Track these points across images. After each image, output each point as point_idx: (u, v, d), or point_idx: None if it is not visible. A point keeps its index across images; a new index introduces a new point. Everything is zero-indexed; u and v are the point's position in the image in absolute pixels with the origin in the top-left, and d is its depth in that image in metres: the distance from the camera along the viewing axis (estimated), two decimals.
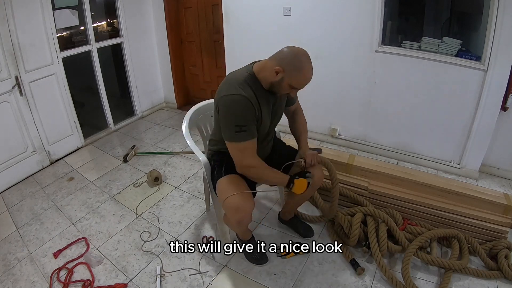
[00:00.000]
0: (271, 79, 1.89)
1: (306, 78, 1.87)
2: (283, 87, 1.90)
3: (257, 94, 1.92)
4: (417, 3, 3.66)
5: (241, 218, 2.06)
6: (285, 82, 1.86)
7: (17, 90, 3.39)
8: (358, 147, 4.00)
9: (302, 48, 1.88)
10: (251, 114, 1.88)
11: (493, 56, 2.90)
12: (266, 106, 2.00)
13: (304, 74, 1.85)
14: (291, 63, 1.82)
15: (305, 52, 1.86)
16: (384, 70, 3.48)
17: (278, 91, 1.95)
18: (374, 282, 2.25)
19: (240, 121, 1.86)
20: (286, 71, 1.83)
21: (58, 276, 2.37)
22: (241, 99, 1.84)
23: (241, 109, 1.85)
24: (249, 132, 1.89)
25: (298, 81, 1.86)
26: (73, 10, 3.85)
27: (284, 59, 1.84)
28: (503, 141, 3.27)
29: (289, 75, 1.84)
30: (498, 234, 2.45)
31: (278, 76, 1.85)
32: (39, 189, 3.43)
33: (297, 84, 1.88)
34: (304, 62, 1.83)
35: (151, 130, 4.71)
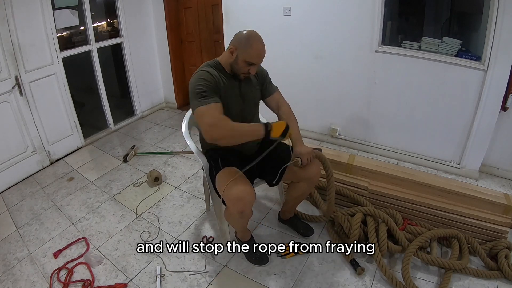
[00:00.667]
0: (229, 60, 2.11)
1: (257, 50, 2.05)
2: (240, 65, 2.07)
3: (220, 74, 2.12)
4: (417, 3, 3.66)
5: (243, 209, 2.03)
6: (240, 59, 2.05)
7: (17, 90, 3.40)
8: (358, 147, 4.00)
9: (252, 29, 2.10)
10: (211, 84, 2.01)
11: (493, 56, 2.90)
12: (231, 87, 2.15)
13: (255, 47, 2.03)
14: (242, 41, 2.05)
15: (253, 31, 2.10)
16: (384, 70, 3.48)
17: (238, 70, 2.11)
18: (374, 282, 2.25)
19: (200, 87, 1.97)
20: (239, 49, 2.05)
21: (58, 276, 2.37)
22: (201, 73, 2.05)
23: (200, 78, 2.01)
24: (210, 97, 1.96)
25: (251, 55, 2.04)
26: (73, 10, 3.86)
27: (236, 39, 2.10)
28: (503, 141, 3.27)
29: (242, 52, 2.04)
30: (498, 234, 2.45)
31: (234, 55, 2.07)
32: (39, 189, 3.43)
33: (250, 58, 2.04)
34: (252, 38, 2.05)
35: (151, 130, 4.71)
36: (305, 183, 2.32)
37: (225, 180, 2.03)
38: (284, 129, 1.96)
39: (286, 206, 2.64)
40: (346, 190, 2.80)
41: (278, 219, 2.81)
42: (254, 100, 2.32)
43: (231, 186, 1.98)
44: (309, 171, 2.24)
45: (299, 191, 2.41)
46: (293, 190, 2.43)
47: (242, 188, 1.98)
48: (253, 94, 2.29)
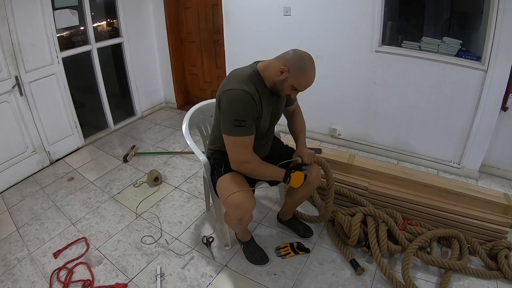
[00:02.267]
0: (275, 78, 1.92)
1: (309, 81, 1.91)
2: (285, 87, 1.92)
3: (260, 92, 1.94)
4: (417, 3, 3.66)
5: (242, 216, 2.05)
6: (288, 83, 1.90)
7: (17, 90, 3.39)
8: (358, 147, 4.00)
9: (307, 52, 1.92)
10: (252, 111, 1.89)
11: (493, 56, 2.90)
12: (267, 105, 2.01)
13: (307, 77, 1.89)
14: (296, 65, 1.86)
15: (310, 56, 1.90)
16: (384, 70, 3.48)
17: (280, 91, 1.97)
18: (374, 282, 2.25)
19: (240, 115, 1.87)
20: (291, 72, 1.86)
21: (58, 276, 2.37)
22: (244, 94, 1.86)
23: (243, 104, 1.86)
24: (247, 128, 1.90)
25: (301, 82, 1.90)
26: (73, 10, 3.85)
27: (290, 60, 1.87)
28: (503, 141, 3.27)
29: (293, 76, 1.87)
30: (498, 234, 2.45)
31: (283, 75, 1.88)
32: (39, 189, 3.43)
33: (299, 86, 1.91)
34: (308, 66, 1.87)
35: (151, 130, 4.71)
36: (304, 187, 2.30)
37: (227, 187, 2.03)
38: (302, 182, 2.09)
39: (285, 208, 2.64)
40: (346, 190, 2.80)
41: (277, 219, 2.81)
42: (280, 115, 2.28)
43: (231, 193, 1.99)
44: (309, 175, 2.22)
45: (298, 195, 2.40)
46: (292, 193, 2.42)
47: (242, 195, 1.99)
48: (281, 110, 2.26)
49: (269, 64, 1.96)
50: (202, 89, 5.27)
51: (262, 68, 1.98)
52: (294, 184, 2.07)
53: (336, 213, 2.61)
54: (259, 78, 1.97)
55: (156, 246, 2.62)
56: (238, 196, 1.98)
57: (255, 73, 1.97)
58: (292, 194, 2.43)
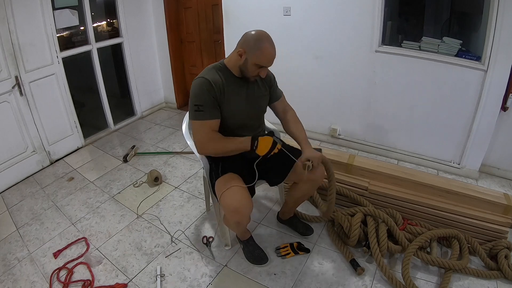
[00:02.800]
0: (238, 63, 2.02)
1: (268, 54, 1.96)
2: (249, 67, 1.99)
3: (226, 80, 2.04)
4: (417, 3, 3.66)
5: (240, 219, 2.08)
6: (250, 62, 1.97)
7: (17, 90, 3.40)
8: (358, 147, 4.00)
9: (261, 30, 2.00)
10: (209, 96, 1.97)
11: (493, 56, 2.90)
12: (236, 93, 2.09)
13: (265, 50, 1.94)
14: (251, 43, 1.94)
15: (263, 32, 1.98)
16: (384, 70, 3.48)
17: (248, 73, 2.03)
18: (374, 282, 2.25)
19: (198, 100, 1.97)
20: (248, 51, 1.95)
21: (58, 276, 2.37)
22: (202, 81, 1.98)
23: (200, 89, 1.97)
24: (205, 112, 1.98)
25: (261, 58, 1.95)
26: (73, 10, 3.86)
27: (244, 41, 1.98)
28: (503, 141, 3.27)
29: (251, 54, 1.94)
30: (498, 234, 2.45)
31: (243, 58, 1.98)
32: (39, 189, 3.43)
33: (260, 62, 1.96)
34: (262, 40, 1.95)
35: (151, 130, 4.71)
36: (308, 184, 2.30)
37: (223, 189, 2.04)
38: (270, 147, 1.97)
39: (286, 207, 2.64)
40: (346, 190, 2.80)
41: (277, 219, 2.81)
42: (261, 106, 2.27)
43: (229, 196, 1.99)
44: (313, 173, 2.22)
45: (301, 193, 2.40)
46: (295, 191, 2.42)
47: (239, 199, 1.99)
48: (260, 100, 2.24)
49: (231, 54, 2.07)
50: None
51: (227, 60, 2.10)
52: (261, 150, 1.96)
53: (336, 213, 2.61)
54: (224, 68, 2.08)
55: (156, 246, 2.62)
56: (235, 201, 1.99)
57: (220, 64, 2.10)
58: (294, 192, 2.43)
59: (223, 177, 2.10)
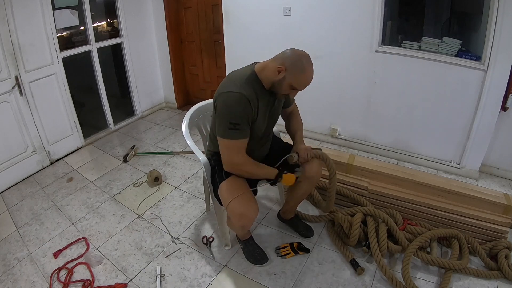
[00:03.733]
0: (273, 78, 1.91)
1: (307, 80, 1.90)
2: (284, 87, 1.92)
3: (258, 93, 1.94)
4: (417, 3, 3.66)
5: (245, 223, 2.10)
6: (286, 82, 1.89)
7: (17, 90, 3.39)
8: (358, 147, 4.00)
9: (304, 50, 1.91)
10: (246, 114, 1.90)
11: (493, 56, 2.90)
12: (264, 106, 2.02)
13: (305, 75, 1.88)
14: (294, 64, 1.85)
15: (307, 55, 1.90)
16: (384, 70, 3.48)
17: (279, 90, 1.96)
18: (374, 282, 2.25)
19: (234, 118, 1.87)
20: (288, 71, 1.86)
21: (58, 276, 2.37)
22: (240, 97, 1.86)
23: (238, 107, 1.87)
24: (241, 132, 1.91)
25: (299, 81, 1.89)
26: (73, 10, 3.86)
27: (287, 59, 1.87)
28: (503, 141, 3.27)
29: (291, 75, 1.86)
30: (498, 234, 2.45)
31: (280, 75, 1.87)
32: (39, 189, 3.43)
33: (297, 85, 1.90)
34: (306, 64, 1.87)
35: (151, 130, 4.71)
36: (305, 182, 2.32)
37: (229, 192, 2.04)
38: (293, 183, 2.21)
39: (287, 206, 2.64)
40: (346, 190, 2.80)
41: (278, 217, 2.81)
42: (277, 116, 2.27)
43: (235, 201, 2.00)
44: (310, 170, 2.25)
45: (299, 191, 2.40)
46: (294, 190, 2.42)
47: (245, 204, 2.01)
48: (278, 112, 2.25)
49: (266, 64, 1.96)
50: (202, 89, 5.27)
51: (260, 69, 1.97)
52: (284, 183, 2.19)
53: (336, 213, 2.61)
54: (256, 79, 1.96)
55: (156, 246, 2.62)
56: (241, 205, 2.00)
57: (253, 75, 1.97)
58: (294, 191, 2.44)
59: (228, 180, 2.10)
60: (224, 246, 2.57)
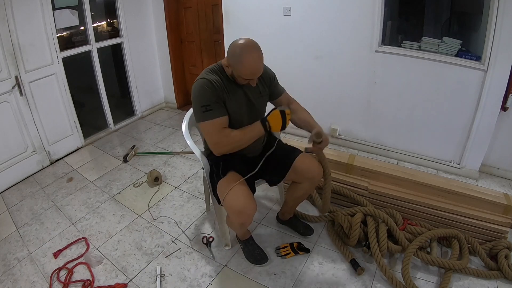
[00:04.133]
0: (228, 72, 2.01)
1: (249, 68, 1.91)
2: (238, 78, 1.99)
3: (224, 80, 2.02)
4: (417, 3, 3.66)
5: (244, 221, 2.09)
6: (236, 74, 1.96)
7: (17, 90, 3.40)
8: (358, 147, 4.00)
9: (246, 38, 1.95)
10: (213, 94, 1.95)
11: (493, 56, 2.89)
12: (235, 94, 2.06)
13: (245, 66, 1.90)
14: (233, 57, 1.91)
15: (247, 44, 1.91)
16: (384, 70, 3.48)
17: (239, 82, 2.03)
18: (374, 282, 2.25)
19: (204, 101, 1.94)
20: (232, 65, 1.94)
21: (58, 276, 2.37)
22: (203, 81, 1.96)
23: (204, 89, 1.95)
24: (214, 111, 1.95)
25: (244, 72, 1.92)
26: (73, 10, 3.86)
27: (229, 53, 1.95)
28: (503, 141, 3.27)
29: (235, 68, 1.93)
30: (498, 234, 2.45)
31: (229, 69, 1.98)
32: (39, 189, 3.43)
33: (244, 75, 1.94)
34: (244, 52, 1.89)
35: (151, 130, 4.71)
36: (306, 183, 2.31)
37: (227, 189, 2.04)
38: (281, 119, 2.02)
39: (286, 206, 2.64)
40: (346, 190, 2.80)
41: (277, 220, 2.81)
42: (260, 106, 2.25)
43: (233, 198, 2.00)
44: (311, 171, 2.25)
45: (300, 192, 2.40)
46: (294, 190, 2.42)
47: (243, 201, 2.00)
48: (259, 99, 2.23)
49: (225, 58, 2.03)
50: None
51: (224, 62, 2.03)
52: (274, 126, 2.03)
53: (336, 213, 2.61)
54: (221, 69, 2.06)
55: (156, 246, 2.62)
56: (239, 202, 1.99)
57: (218, 66, 2.08)
58: (293, 191, 2.44)
59: (225, 178, 2.10)
60: (224, 246, 2.57)
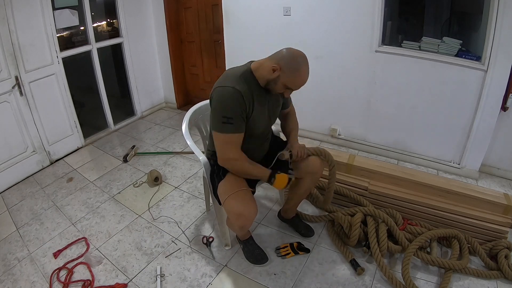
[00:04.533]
0: (267, 76, 1.92)
1: (301, 80, 1.92)
2: (278, 85, 1.93)
3: (253, 90, 1.95)
4: (417, 3, 3.66)
5: (244, 223, 2.08)
6: (281, 81, 1.90)
7: (17, 90, 3.39)
8: (358, 147, 4.00)
9: (301, 50, 1.92)
10: (240, 108, 1.89)
11: (493, 56, 2.90)
12: (260, 104, 2.02)
13: (300, 75, 1.89)
14: (288, 63, 1.86)
15: (303, 55, 1.91)
16: (384, 70, 3.48)
17: (273, 89, 1.98)
18: (374, 282, 2.25)
19: (228, 112, 1.88)
20: (283, 70, 1.87)
21: (58, 276, 2.37)
22: (233, 92, 1.87)
23: (231, 101, 1.87)
24: (235, 126, 1.91)
25: (293, 81, 1.90)
26: (73, 10, 3.85)
27: (282, 58, 1.88)
28: (503, 141, 3.27)
29: (285, 75, 1.88)
30: (498, 234, 2.45)
31: (275, 74, 1.89)
32: (39, 189, 3.43)
33: (291, 85, 1.92)
34: (301, 64, 1.88)
35: (151, 130, 4.71)
36: (308, 178, 2.32)
37: (227, 190, 2.05)
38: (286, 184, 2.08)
39: (287, 204, 2.63)
40: (346, 190, 2.80)
41: (279, 217, 2.81)
42: (276, 115, 2.27)
43: (233, 200, 2.01)
44: (311, 166, 2.26)
45: (301, 188, 2.40)
46: (295, 186, 2.43)
47: (244, 204, 2.01)
48: (278, 110, 2.25)
49: (262, 63, 1.97)
50: (202, 89, 5.26)
51: (256, 67, 1.98)
52: (277, 185, 2.08)
53: (336, 213, 2.60)
54: (252, 76, 1.97)
55: (156, 246, 2.62)
56: (239, 205, 2.00)
57: (248, 72, 1.98)
58: (296, 188, 2.44)
59: (226, 179, 2.10)
60: (224, 246, 2.57)
